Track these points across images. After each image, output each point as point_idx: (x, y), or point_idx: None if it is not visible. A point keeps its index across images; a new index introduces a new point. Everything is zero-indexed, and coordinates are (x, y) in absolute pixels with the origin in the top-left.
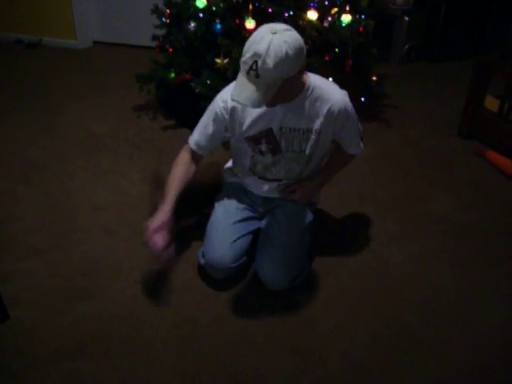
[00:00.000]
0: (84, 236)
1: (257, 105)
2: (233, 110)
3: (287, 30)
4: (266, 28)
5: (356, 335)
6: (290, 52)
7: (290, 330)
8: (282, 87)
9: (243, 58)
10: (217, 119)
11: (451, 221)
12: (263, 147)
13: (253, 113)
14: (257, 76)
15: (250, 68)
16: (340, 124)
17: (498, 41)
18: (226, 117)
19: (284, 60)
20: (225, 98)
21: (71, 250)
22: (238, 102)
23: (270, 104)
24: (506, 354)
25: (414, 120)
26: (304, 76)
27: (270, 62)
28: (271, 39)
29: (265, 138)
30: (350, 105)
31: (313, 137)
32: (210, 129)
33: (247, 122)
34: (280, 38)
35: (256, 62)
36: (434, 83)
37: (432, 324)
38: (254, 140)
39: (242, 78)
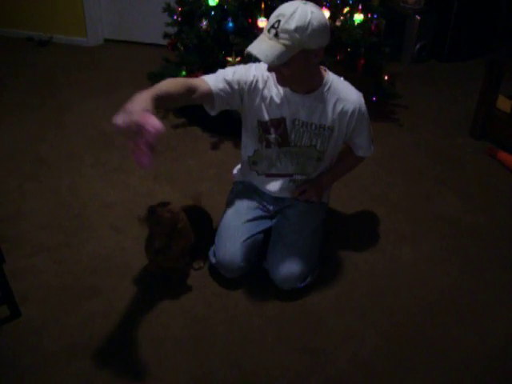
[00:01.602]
0: (93, 233)
1: (269, 60)
2: (256, 87)
3: (318, 8)
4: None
5: (366, 335)
6: (314, 22)
7: (299, 330)
8: (298, 59)
9: (269, 20)
10: (242, 78)
11: (462, 221)
12: (272, 138)
13: (270, 97)
14: (276, 34)
15: (272, 26)
16: (353, 124)
17: (509, 40)
18: (252, 84)
19: (306, 27)
20: (258, 73)
21: (80, 247)
22: (251, 54)
23: (282, 80)
24: None
25: (426, 120)
26: (323, 71)
27: (292, 24)
28: (299, 5)
29: (275, 128)
30: (364, 107)
31: (325, 133)
32: (233, 74)
33: (264, 103)
34: (308, 7)
35: (279, 21)
36: (446, 83)
37: (443, 324)
38: (265, 127)
39: (262, 35)
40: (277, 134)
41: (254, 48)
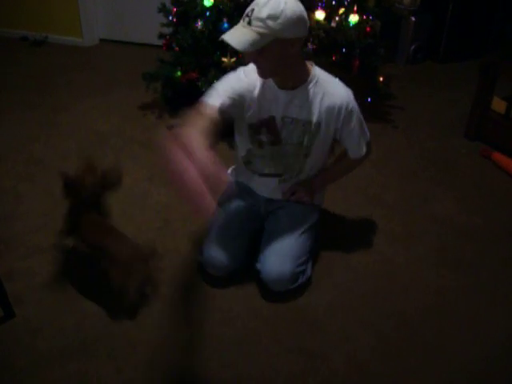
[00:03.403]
0: None
1: (241, 46)
2: (248, 91)
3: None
4: None
5: (361, 336)
6: (288, 12)
7: (294, 331)
8: (273, 48)
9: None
10: (236, 87)
11: (456, 223)
12: (263, 137)
13: (260, 97)
14: (249, 22)
15: (246, 15)
16: (341, 121)
17: (504, 41)
18: (245, 90)
19: (278, 15)
20: (248, 77)
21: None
22: (225, 41)
23: (261, 72)
24: (511, 356)
25: (421, 121)
26: (309, 66)
27: (264, 12)
28: None
29: (265, 127)
30: (354, 104)
31: (312, 129)
32: (229, 83)
33: (255, 105)
34: None
35: (253, 9)
36: (441, 84)
37: (437, 326)
38: (255, 129)
39: (238, 24)
40: (268, 133)
41: (228, 35)
